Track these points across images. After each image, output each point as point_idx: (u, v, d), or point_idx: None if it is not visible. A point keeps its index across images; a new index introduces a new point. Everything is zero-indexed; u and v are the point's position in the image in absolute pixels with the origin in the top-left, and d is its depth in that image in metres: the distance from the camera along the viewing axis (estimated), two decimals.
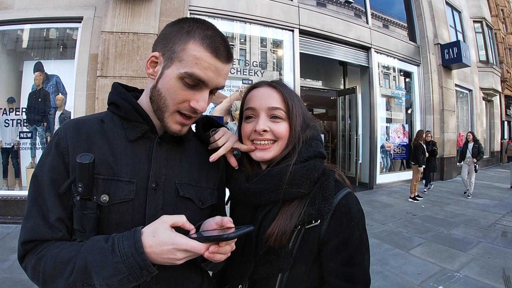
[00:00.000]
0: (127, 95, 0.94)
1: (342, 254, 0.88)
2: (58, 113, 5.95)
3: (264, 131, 0.97)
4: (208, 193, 1.02)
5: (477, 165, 8.70)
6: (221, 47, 0.85)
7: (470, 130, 9.84)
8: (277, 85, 1.02)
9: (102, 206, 0.81)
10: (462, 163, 9.09)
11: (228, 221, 0.85)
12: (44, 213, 0.80)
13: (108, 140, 0.88)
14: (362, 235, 0.91)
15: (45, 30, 6.04)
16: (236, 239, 0.81)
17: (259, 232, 0.92)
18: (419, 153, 8.13)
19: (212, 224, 0.87)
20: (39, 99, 5.94)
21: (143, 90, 1.02)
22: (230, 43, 5.34)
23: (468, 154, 8.81)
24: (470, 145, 8.85)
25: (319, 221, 0.89)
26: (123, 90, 0.96)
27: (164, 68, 0.85)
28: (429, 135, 8.95)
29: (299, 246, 0.90)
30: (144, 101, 0.95)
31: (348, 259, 0.88)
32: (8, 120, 5.82)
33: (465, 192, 8.77)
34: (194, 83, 0.84)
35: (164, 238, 0.72)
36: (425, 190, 9.07)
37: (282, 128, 0.98)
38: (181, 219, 0.78)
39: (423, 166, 8.16)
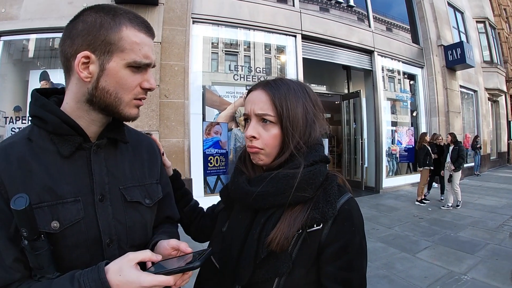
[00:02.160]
0: (51, 106, 0.84)
1: (341, 258, 0.88)
2: None
3: (253, 137, 0.96)
4: (153, 188, 1.02)
5: (453, 174, 7.53)
6: (146, 23, 0.86)
7: (450, 132, 8.73)
8: (269, 88, 0.96)
9: (54, 234, 0.77)
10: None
11: (185, 246, 0.86)
12: None
13: (42, 162, 0.81)
14: (362, 241, 0.91)
15: (50, 40, 6.14)
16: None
17: (261, 236, 0.90)
18: (421, 156, 8.02)
19: (167, 248, 0.88)
20: None
21: (63, 89, 0.91)
22: (234, 50, 5.32)
23: (448, 159, 7.77)
24: (450, 148, 7.80)
25: (321, 225, 0.88)
26: (45, 101, 0.85)
27: (103, 64, 0.80)
28: (440, 138, 8.63)
29: (299, 250, 0.89)
30: (70, 110, 0.86)
31: (348, 264, 0.88)
32: (15, 129, 5.87)
33: (441, 200, 8.07)
34: (140, 67, 0.84)
35: (131, 277, 0.71)
36: (441, 198, 8.30)
37: (271, 133, 0.95)
38: (146, 255, 0.77)
39: (429, 168, 8.01)
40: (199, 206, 1.36)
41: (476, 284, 3.70)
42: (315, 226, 0.88)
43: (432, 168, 8.09)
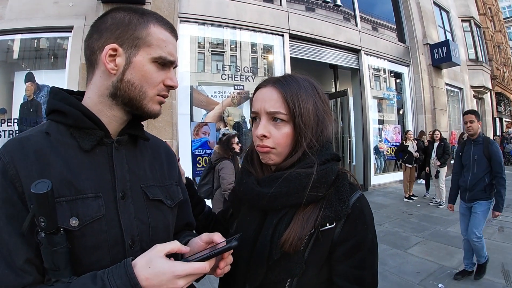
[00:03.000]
0: (72, 99, 0.83)
1: (354, 256, 0.87)
2: None
3: (264, 136, 0.93)
4: (173, 190, 1.00)
5: (439, 170, 7.55)
6: (170, 25, 0.88)
7: (436, 128, 8.62)
8: (280, 85, 0.94)
9: (73, 232, 0.71)
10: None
11: (218, 237, 0.84)
12: (7, 258, 0.67)
13: (61, 155, 0.77)
14: (374, 238, 0.91)
15: (35, 40, 6.05)
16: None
17: (274, 237, 0.87)
18: (398, 152, 8.17)
19: (200, 243, 0.86)
20: (31, 110, 5.93)
21: (80, 92, 0.91)
22: (221, 50, 5.26)
23: (434, 155, 7.79)
24: (436, 144, 7.80)
25: (334, 223, 0.87)
26: (66, 95, 0.84)
27: (130, 57, 0.81)
28: (424, 136, 8.75)
29: (311, 249, 0.87)
30: (92, 104, 0.85)
31: (360, 261, 0.87)
32: (0, 132, 5.76)
33: (432, 199, 7.99)
34: (165, 64, 0.85)
35: (162, 267, 0.67)
36: (426, 194, 8.57)
37: (282, 132, 0.92)
38: (175, 245, 0.73)
39: (407, 165, 8.13)
40: (212, 212, 1.32)
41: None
42: (327, 225, 0.87)
43: (411, 166, 8.19)
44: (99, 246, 0.76)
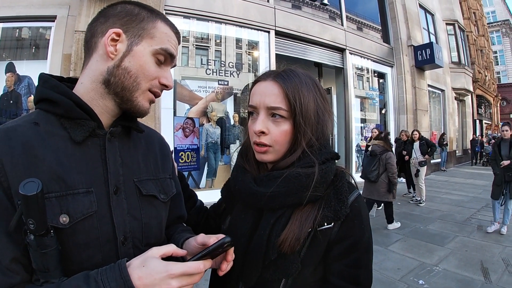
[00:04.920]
0: (63, 87, 0.78)
1: (350, 256, 0.87)
2: None
3: (262, 132, 0.89)
4: (167, 183, 0.96)
5: (419, 169, 7.66)
6: (176, 28, 0.89)
7: (415, 129, 8.76)
8: (281, 79, 0.90)
9: (63, 229, 0.68)
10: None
11: (215, 238, 0.81)
12: None
13: (51, 147, 0.72)
14: (369, 238, 0.90)
15: (17, 29, 5.89)
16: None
17: (270, 237, 0.86)
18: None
19: (196, 245, 0.84)
20: (11, 101, 5.79)
21: (70, 78, 0.87)
22: (206, 44, 5.26)
23: (414, 155, 7.89)
24: (416, 143, 7.95)
25: (332, 223, 0.86)
26: (56, 82, 0.79)
27: (131, 45, 0.79)
28: (403, 133, 8.80)
29: (308, 248, 0.86)
30: (84, 91, 0.81)
31: (356, 261, 0.87)
32: None
33: (413, 197, 8.16)
34: (163, 60, 0.84)
35: (156, 266, 0.65)
36: (408, 192, 8.77)
37: (281, 129, 0.89)
38: (171, 248, 0.72)
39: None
40: (204, 206, 1.29)
41: (447, 275, 3.85)
42: (325, 224, 0.86)
43: None
44: (90, 243, 0.73)
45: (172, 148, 1.11)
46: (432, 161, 13.44)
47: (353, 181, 0.99)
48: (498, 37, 37.28)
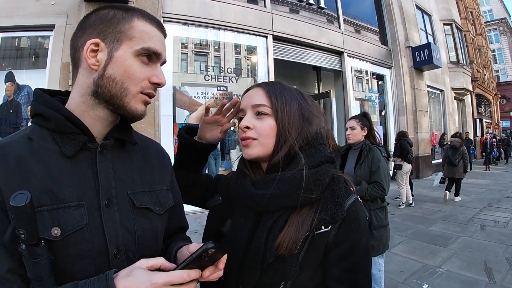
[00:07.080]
0: (54, 102, 0.79)
1: (348, 260, 0.87)
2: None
3: (247, 127, 0.95)
4: (163, 195, 0.95)
5: (396, 171, 7.61)
6: (157, 20, 0.85)
7: (403, 129, 8.80)
8: (265, 84, 1.00)
9: (55, 242, 0.69)
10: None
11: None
12: None
13: (43, 162, 0.74)
14: (367, 242, 0.91)
15: (16, 39, 5.93)
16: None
17: (268, 240, 0.87)
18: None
19: (187, 254, 0.80)
20: (11, 111, 5.82)
21: (67, 91, 0.88)
22: (205, 50, 5.27)
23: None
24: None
25: (329, 226, 0.87)
26: (48, 98, 0.81)
27: (111, 51, 0.78)
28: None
29: (306, 252, 0.87)
30: (74, 105, 0.82)
31: (354, 265, 0.88)
32: None
33: (395, 198, 7.98)
34: (149, 58, 0.82)
35: (140, 276, 0.66)
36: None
37: (265, 124, 0.94)
38: (159, 261, 0.72)
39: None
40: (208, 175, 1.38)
41: (451, 276, 3.80)
42: (323, 227, 0.87)
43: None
44: (82, 255, 0.74)
45: (172, 156, 1.10)
46: (433, 162, 13.44)
47: (350, 187, 0.99)
48: (496, 35, 37.39)
